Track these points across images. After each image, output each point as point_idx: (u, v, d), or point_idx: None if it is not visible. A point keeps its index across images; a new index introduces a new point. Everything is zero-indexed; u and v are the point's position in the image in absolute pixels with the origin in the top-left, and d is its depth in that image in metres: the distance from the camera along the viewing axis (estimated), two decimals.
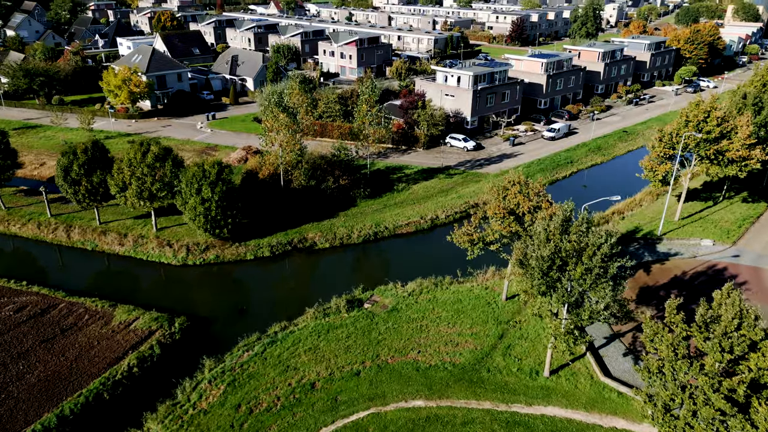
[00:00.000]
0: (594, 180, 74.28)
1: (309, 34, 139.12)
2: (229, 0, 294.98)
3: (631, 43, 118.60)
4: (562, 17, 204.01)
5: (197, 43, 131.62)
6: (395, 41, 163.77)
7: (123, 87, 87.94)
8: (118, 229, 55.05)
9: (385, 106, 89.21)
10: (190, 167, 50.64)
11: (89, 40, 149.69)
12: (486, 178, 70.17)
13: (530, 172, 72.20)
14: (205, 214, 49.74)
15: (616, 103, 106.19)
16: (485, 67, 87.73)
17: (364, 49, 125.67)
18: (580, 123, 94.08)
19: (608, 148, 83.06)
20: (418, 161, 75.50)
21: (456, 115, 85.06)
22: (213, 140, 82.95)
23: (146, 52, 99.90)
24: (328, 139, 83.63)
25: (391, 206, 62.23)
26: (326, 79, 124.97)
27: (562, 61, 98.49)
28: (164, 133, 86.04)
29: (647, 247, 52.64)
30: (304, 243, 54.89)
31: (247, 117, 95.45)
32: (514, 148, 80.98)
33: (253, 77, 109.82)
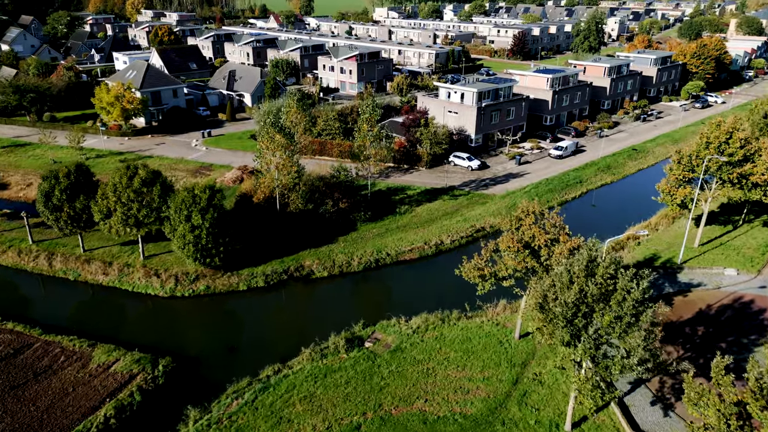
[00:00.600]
0: (605, 201, 71.12)
1: (308, 48, 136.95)
2: (228, 14, 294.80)
3: (637, 58, 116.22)
4: (563, 31, 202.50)
5: (194, 57, 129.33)
6: (396, 55, 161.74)
7: (116, 104, 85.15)
8: (103, 257, 51.73)
9: (387, 123, 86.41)
10: (180, 192, 47.46)
11: (85, 55, 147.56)
12: (492, 199, 67.02)
13: (538, 192, 69.09)
14: (195, 242, 46.48)
15: (623, 120, 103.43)
16: (489, 84, 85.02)
17: (364, 64, 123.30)
18: (588, 140, 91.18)
19: (618, 167, 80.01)
20: (420, 181, 72.42)
21: (459, 132, 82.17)
22: (208, 159, 79.93)
23: (141, 67, 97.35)
24: (328, 158, 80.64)
25: (394, 230, 58.99)
26: (326, 95, 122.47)
27: (567, 77, 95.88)
28: (157, 151, 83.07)
29: (668, 277, 49.29)
30: (301, 271, 51.53)
31: (243, 134, 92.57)
32: (521, 167, 77.94)
33: (250, 93, 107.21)
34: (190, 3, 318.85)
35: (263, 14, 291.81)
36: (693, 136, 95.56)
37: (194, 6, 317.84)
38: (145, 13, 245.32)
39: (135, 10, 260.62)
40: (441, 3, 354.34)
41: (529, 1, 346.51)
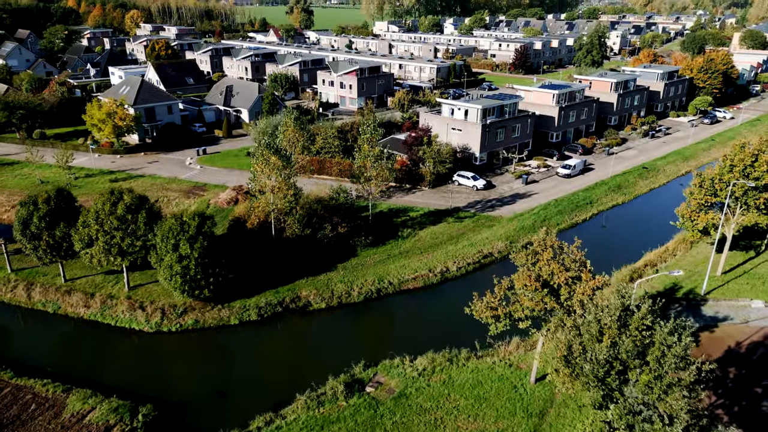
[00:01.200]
0: (617, 223, 67.83)
1: (308, 63, 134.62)
2: (228, 28, 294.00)
3: (643, 73, 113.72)
4: (565, 45, 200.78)
5: (191, 72, 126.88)
6: (396, 70, 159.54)
7: (107, 121, 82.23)
8: (85, 288, 48.31)
9: (388, 141, 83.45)
10: (167, 219, 44.17)
11: (81, 69, 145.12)
12: (499, 222, 63.75)
13: (547, 214, 65.87)
14: (183, 273, 43.12)
15: (630, 136, 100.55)
16: (494, 100, 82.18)
17: (364, 79, 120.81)
18: (596, 158, 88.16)
19: (629, 187, 76.86)
20: (424, 202, 69.22)
21: (463, 150, 79.17)
22: (202, 178, 76.81)
23: (135, 83, 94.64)
24: (327, 177, 77.55)
25: (396, 256, 55.63)
26: (325, 110, 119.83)
27: (574, 93, 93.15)
28: (150, 170, 79.97)
29: (691, 310, 45.86)
30: (297, 303, 48.11)
31: (240, 151, 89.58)
32: (528, 187, 74.78)
33: (248, 108, 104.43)
34: (189, 17, 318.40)
35: (263, 28, 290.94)
36: (704, 153, 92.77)
37: (194, 20, 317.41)
38: (144, 27, 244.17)
39: (134, 24, 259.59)
40: (441, 17, 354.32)
41: (530, 15, 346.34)
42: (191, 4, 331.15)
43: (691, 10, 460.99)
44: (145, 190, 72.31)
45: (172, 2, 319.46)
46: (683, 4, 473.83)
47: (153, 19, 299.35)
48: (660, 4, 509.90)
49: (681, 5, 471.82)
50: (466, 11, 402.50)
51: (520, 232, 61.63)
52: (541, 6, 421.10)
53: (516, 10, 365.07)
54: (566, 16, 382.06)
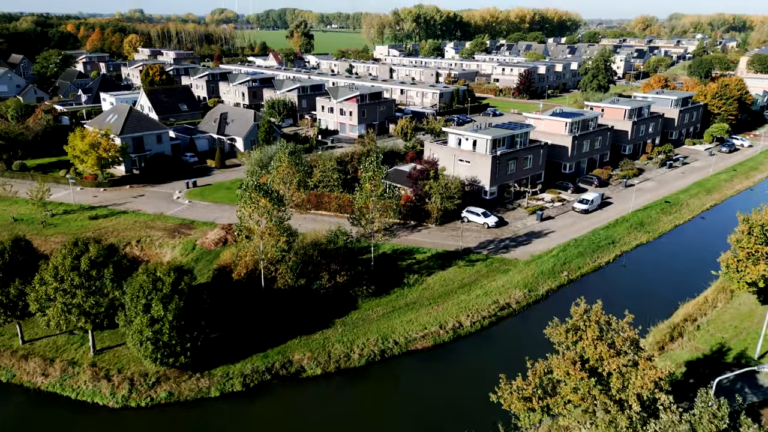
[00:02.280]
0: (643, 266, 61.69)
1: (306, 88, 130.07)
2: (227, 52, 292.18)
3: (656, 99, 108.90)
4: (569, 69, 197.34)
5: (185, 98, 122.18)
6: (398, 95, 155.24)
7: (90, 152, 76.75)
8: (45, 351, 42.00)
9: (391, 173, 77.90)
10: (138, 275, 38.11)
11: (73, 95, 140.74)
12: (515, 266, 57.64)
13: (567, 257, 59.82)
14: (155, 339, 36.90)
15: (647, 166, 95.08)
16: (504, 129, 76.86)
17: (365, 105, 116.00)
18: (613, 190, 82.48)
19: (652, 224, 70.98)
20: (430, 241, 63.24)
21: (472, 183, 73.51)
22: (190, 214, 70.95)
23: (123, 111, 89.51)
24: (325, 212, 71.74)
25: (402, 308, 49.42)
26: (324, 137, 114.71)
27: (587, 121, 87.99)
28: (134, 204, 74.16)
29: (747, 381, 39.46)
30: (289, 368, 41.74)
31: (233, 184, 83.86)
32: (543, 224, 68.89)
33: (243, 137, 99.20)
34: (189, 41, 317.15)
35: (263, 52, 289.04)
36: (727, 184, 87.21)
37: (193, 44, 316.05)
38: (142, 52, 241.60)
39: (132, 48, 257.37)
40: (441, 41, 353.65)
41: (530, 39, 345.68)
42: (191, 28, 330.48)
43: (691, 34, 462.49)
44: (127, 228, 66.50)
45: (171, 27, 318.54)
46: (683, 28, 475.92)
47: (152, 43, 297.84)
48: (659, 28, 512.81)
49: (681, 29, 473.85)
50: (466, 35, 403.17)
51: (539, 278, 55.52)
52: (541, 30, 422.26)
53: (517, 34, 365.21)
54: (567, 40, 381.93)
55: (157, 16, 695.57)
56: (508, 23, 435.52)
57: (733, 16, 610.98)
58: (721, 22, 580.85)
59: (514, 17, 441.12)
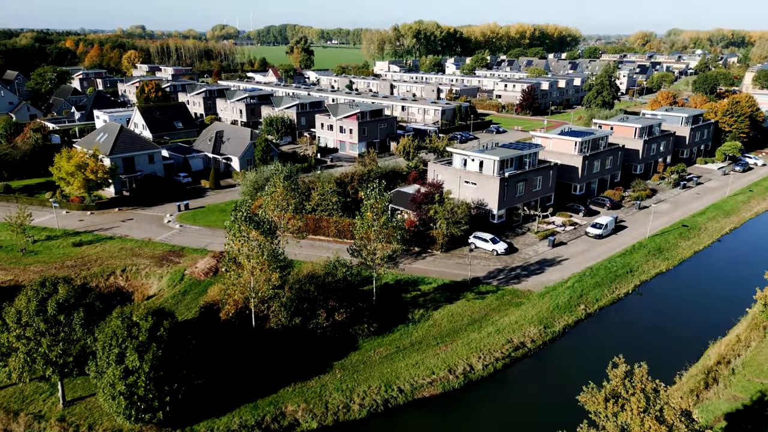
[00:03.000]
0: (665, 297, 57.41)
1: (305, 105, 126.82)
2: (227, 67, 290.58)
3: (666, 117, 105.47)
4: (572, 85, 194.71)
5: (180, 115, 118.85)
6: (399, 112, 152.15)
7: (77, 174, 72.97)
8: (9, 403, 37.58)
9: (393, 195, 74.00)
10: (111, 319, 33.92)
11: (66, 112, 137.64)
12: (528, 299, 53.40)
13: (584, 288, 55.63)
14: (129, 393, 32.60)
15: (659, 186, 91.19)
16: (512, 150, 73.11)
17: (366, 123, 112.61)
18: (626, 213, 78.48)
19: (670, 250, 66.85)
20: (436, 270, 59.12)
21: (479, 206, 69.55)
22: (180, 240, 66.91)
23: (113, 130, 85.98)
24: (323, 238, 67.71)
25: (407, 349, 45.13)
26: (324, 155, 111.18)
27: (597, 140, 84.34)
28: (122, 229, 70.14)
29: None
30: (281, 422, 37.32)
31: (227, 206, 79.89)
32: (555, 251, 64.78)
33: (239, 156, 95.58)
34: (189, 57, 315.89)
35: (263, 68, 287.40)
36: (745, 206, 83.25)
37: (193, 60, 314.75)
38: (141, 68, 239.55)
39: (131, 64, 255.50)
40: (442, 57, 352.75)
41: (531, 54, 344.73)
42: (190, 44, 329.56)
43: (691, 50, 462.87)
44: (112, 256, 62.42)
45: (171, 43, 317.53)
46: (683, 44, 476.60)
47: (151, 59, 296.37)
48: (659, 43, 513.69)
49: (681, 44, 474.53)
50: (467, 51, 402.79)
51: (554, 312, 51.26)
52: (541, 46, 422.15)
53: (517, 50, 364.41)
54: (567, 56, 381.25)
55: (158, 32, 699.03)
56: (509, 39, 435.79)
57: (732, 31, 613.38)
58: (720, 38, 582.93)
59: (514, 33, 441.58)
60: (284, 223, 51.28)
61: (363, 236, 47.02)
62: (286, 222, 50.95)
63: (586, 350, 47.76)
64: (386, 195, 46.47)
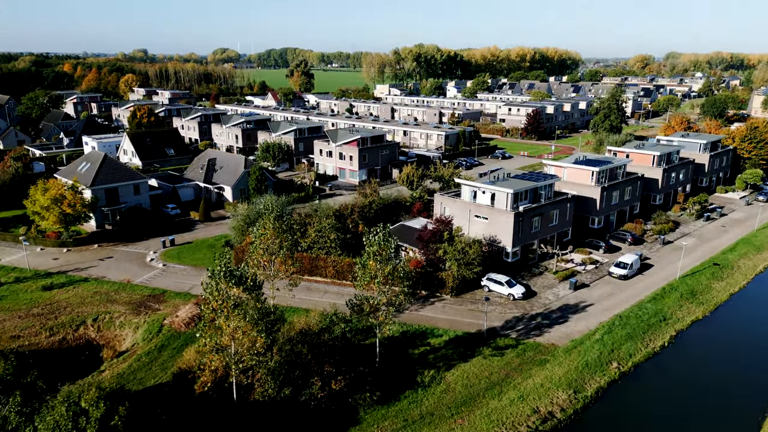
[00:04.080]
0: (704, 351, 50.76)
1: (304, 131, 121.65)
2: (226, 91, 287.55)
3: (684, 143, 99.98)
4: (578, 108, 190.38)
5: (172, 142, 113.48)
6: (401, 136, 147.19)
7: (52, 208, 66.99)
8: None
9: (396, 229, 67.98)
10: (55, 405, 27.43)
11: (55, 138, 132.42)
12: (554, 355, 46.82)
13: (614, 341, 49.09)
14: None
15: (681, 218, 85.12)
16: (526, 181, 67.25)
17: (366, 150, 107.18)
18: (649, 249, 72.23)
19: (703, 293, 60.43)
20: (446, 318, 52.66)
21: (491, 243, 63.32)
22: (162, 282, 60.56)
23: (96, 159, 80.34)
24: (320, 280, 61.37)
25: (416, 422, 38.43)
26: (322, 183, 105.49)
27: (615, 169, 78.62)
28: (99, 269, 63.84)
29: None
30: None
31: (217, 240, 73.85)
32: (578, 295, 58.35)
33: (232, 186, 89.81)
34: (187, 80, 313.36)
35: (262, 91, 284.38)
36: None
37: (192, 83, 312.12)
38: (137, 91, 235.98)
39: (128, 88, 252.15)
40: (443, 80, 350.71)
41: (532, 77, 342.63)
42: (189, 68, 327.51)
43: (691, 73, 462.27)
44: (85, 301, 56.01)
45: (170, 66, 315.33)
46: (683, 67, 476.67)
47: (150, 83, 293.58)
48: (659, 66, 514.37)
49: (681, 67, 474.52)
50: (467, 74, 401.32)
51: (584, 372, 44.65)
52: (542, 68, 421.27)
53: (518, 73, 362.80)
54: (569, 79, 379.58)
55: (160, 56, 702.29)
56: (509, 62, 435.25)
57: (731, 54, 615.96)
58: (719, 60, 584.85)
59: (514, 56, 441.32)
60: (275, 268, 45.05)
61: (365, 287, 40.69)
62: (276, 268, 44.72)
63: (623, 419, 41.09)
64: (393, 240, 40.27)
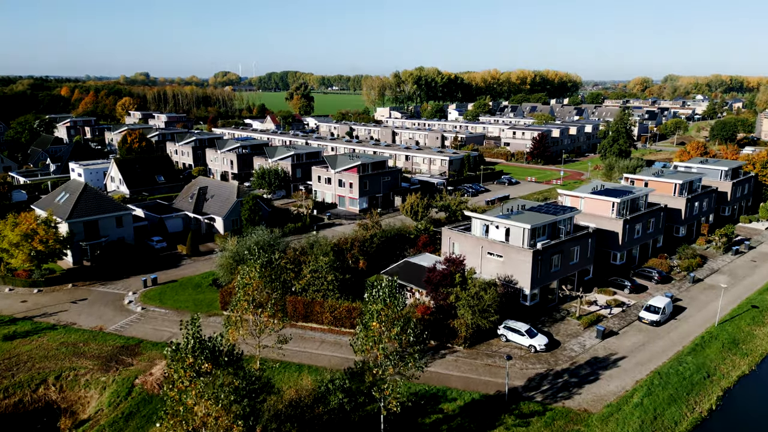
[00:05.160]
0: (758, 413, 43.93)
1: (302, 156, 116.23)
2: (224, 114, 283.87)
3: (703, 170, 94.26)
4: (584, 132, 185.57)
5: (163, 168, 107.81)
6: (402, 161, 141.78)
7: (22, 245, 60.82)
8: None
9: (399, 267, 61.72)
10: None
11: (42, 164, 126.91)
12: (587, 425, 40.00)
13: (656, 404, 42.35)
14: None
15: (707, 251, 78.82)
16: (543, 214, 61.15)
17: (367, 176, 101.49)
18: (679, 288, 65.77)
19: (746, 341, 53.77)
20: (460, 375, 46.01)
21: (506, 284, 56.90)
22: (138, 329, 53.98)
23: (75, 189, 74.49)
24: (316, 326, 54.80)
25: None
26: (321, 212, 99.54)
27: (637, 200, 72.64)
28: (70, 315, 57.33)
29: None
30: None
31: (204, 278, 67.54)
32: (606, 344, 51.72)
33: (223, 216, 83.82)
34: (186, 103, 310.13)
35: (261, 114, 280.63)
36: None
37: (190, 106, 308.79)
38: (134, 115, 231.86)
39: (125, 111, 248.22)
40: (444, 103, 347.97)
41: (533, 100, 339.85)
42: (188, 90, 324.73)
43: (692, 95, 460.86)
44: (49, 355, 49.39)
45: (168, 89, 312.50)
46: (685, 89, 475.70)
47: (147, 106, 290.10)
48: (659, 89, 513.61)
49: (683, 90, 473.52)
50: (468, 97, 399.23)
51: None
52: (542, 91, 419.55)
53: (520, 95, 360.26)
54: (570, 101, 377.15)
55: (161, 79, 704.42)
56: (510, 84, 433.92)
57: (730, 77, 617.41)
58: (719, 83, 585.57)
59: (515, 78, 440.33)
60: (261, 324, 38.64)
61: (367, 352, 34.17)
62: (262, 325, 38.30)
63: None
64: (401, 298, 33.83)
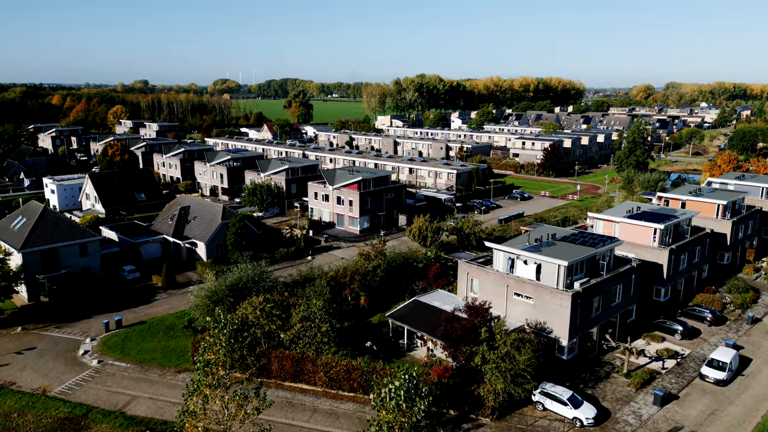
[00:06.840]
0: None
1: (297, 170, 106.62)
2: (221, 122, 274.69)
3: (741, 186, 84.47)
4: (596, 142, 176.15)
5: (144, 185, 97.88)
6: (406, 174, 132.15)
7: None
8: None
9: (407, 308, 51.84)
10: None
11: (17, 178, 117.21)
12: None
13: None
14: None
15: (758, 281, 68.97)
16: (579, 246, 51.22)
17: (368, 193, 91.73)
18: (736, 331, 55.79)
19: None
20: None
21: (538, 333, 47.01)
22: (89, 393, 43.91)
23: (33, 213, 64.65)
24: (308, 388, 44.76)
25: None
26: (317, 232, 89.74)
27: (680, 225, 62.84)
28: (10, 370, 47.33)
29: None
30: None
31: (179, 319, 57.58)
32: (667, 412, 41.71)
33: (206, 241, 73.92)
34: (181, 111, 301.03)
35: (258, 122, 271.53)
36: None
37: (186, 114, 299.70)
38: (125, 124, 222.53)
39: (117, 120, 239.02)
40: (446, 110, 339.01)
41: (538, 108, 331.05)
42: (183, 98, 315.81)
43: (697, 103, 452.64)
44: None
45: (163, 97, 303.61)
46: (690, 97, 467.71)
47: (141, 114, 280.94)
48: (663, 96, 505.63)
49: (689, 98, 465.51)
50: (470, 104, 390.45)
51: None
52: (546, 98, 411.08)
53: (524, 103, 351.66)
54: (575, 109, 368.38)
55: (159, 86, 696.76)
56: (512, 92, 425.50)
57: (734, 84, 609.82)
58: (722, 91, 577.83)
59: (517, 86, 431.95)
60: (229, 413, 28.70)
61: None
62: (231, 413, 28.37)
63: None
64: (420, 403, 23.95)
